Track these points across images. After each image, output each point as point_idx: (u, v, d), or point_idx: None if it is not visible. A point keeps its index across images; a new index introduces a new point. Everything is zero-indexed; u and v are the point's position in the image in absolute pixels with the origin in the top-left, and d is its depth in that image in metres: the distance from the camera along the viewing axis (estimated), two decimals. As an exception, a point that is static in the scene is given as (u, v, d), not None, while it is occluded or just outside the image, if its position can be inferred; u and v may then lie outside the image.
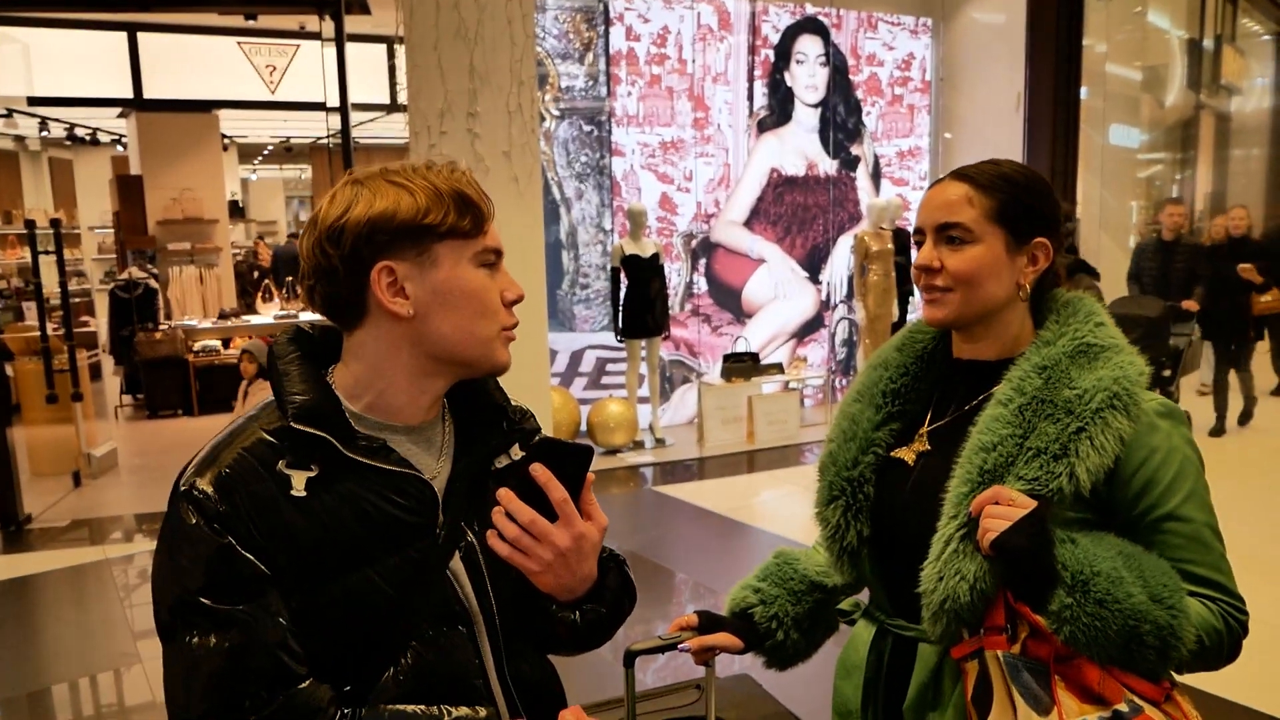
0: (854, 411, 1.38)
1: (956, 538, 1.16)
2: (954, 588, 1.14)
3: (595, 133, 7.12)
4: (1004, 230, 1.25)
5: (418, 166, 1.05)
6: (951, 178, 1.29)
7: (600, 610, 1.12)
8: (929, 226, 1.28)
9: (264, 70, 9.50)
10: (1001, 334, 1.29)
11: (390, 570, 1.01)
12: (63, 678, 3.76)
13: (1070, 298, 1.30)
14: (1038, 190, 1.28)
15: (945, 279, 1.26)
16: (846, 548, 1.33)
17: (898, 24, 8.41)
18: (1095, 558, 1.11)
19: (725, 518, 5.40)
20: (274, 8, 8.15)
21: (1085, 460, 1.14)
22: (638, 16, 7.19)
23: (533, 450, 1.01)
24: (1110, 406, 1.16)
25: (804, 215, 8.09)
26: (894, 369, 1.38)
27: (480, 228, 1.05)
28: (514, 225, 4.91)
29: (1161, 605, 1.10)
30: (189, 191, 9.79)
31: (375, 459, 1.01)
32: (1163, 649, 1.10)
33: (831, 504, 1.35)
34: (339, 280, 1.02)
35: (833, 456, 1.37)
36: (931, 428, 1.33)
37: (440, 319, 1.03)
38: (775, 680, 1.88)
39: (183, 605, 0.96)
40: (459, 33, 4.60)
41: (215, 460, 1.00)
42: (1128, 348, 1.23)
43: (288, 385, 1.03)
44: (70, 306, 6.64)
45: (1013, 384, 1.22)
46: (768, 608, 1.45)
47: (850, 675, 1.38)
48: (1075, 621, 1.09)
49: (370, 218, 1.00)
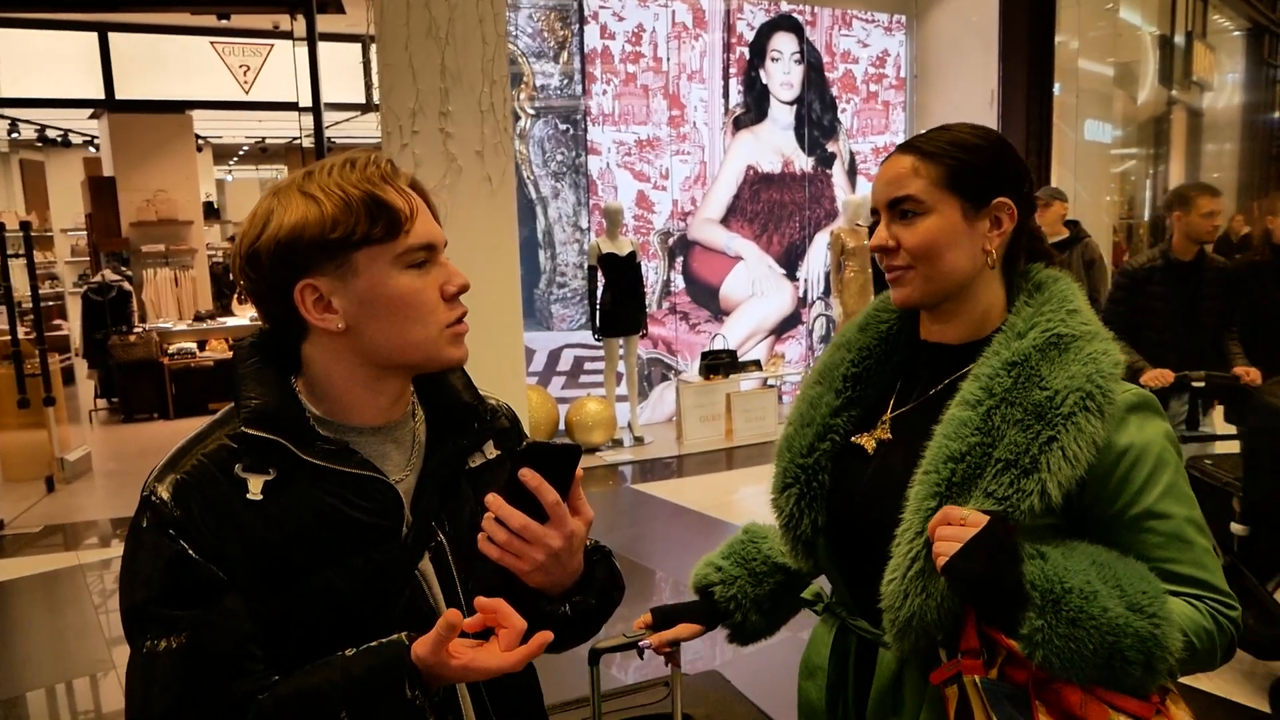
0: (813, 395, 1.33)
1: (921, 554, 1.09)
2: (920, 606, 1.09)
3: (571, 131, 7.11)
4: (957, 196, 1.18)
5: (335, 167, 1.01)
6: (899, 150, 1.23)
7: (590, 601, 1.11)
8: (881, 204, 1.22)
9: (237, 70, 9.43)
10: (971, 311, 1.22)
11: (353, 572, 1.00)
12: (37, 684, 3.72)
13: (1043, 277, 1.22)
14: (992, 150, 1.20)
15: (903, 257, 1.20)
16: (801, 536, 1.29)
17: (872, 21, 8.45)
18: (1066, 572, 1.04)
19: (704, 515, 5.42)
20: (247, 7, 8.08)
21: (1057, 474, 1.07)
22: (612, 14, 7.19)
23: (521, 455, 0.99)
24: (1083, 409, 1.09)
25: (780, 212, 8.12)
26: (856, 350, 1.32)
27: (397, 230, 1.00)
28: (487, 224, 4.90)
29: (1142, 615, 1.03)
30: (163, 193, 9.71)
31: (334, 461, 1.01)
32: (1147, 662, 1.03)
33: (785, 491, 1.29)
34: (269, 301, 1.02)
35: (788, 441, 1.32)
36: (894, 414, 1.27)
37: (373, 328, 1.01)
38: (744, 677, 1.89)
39: (139, 610, 0.96)
40: (430, 31, 4.58)
41: (175, 466, 0.99)
42: (1102, 334, 1.16)
43: (244, 390, 1.02)
44: (42, 310, 6.58)
45: (980, 382, 1.14)
46: (727, 587, 1.42)
47: (814, 676, 1.35)
48: (1048, 645, 1.02)
49: (279, 239, 0.98)
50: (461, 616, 0.92)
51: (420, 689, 0.94)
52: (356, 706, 0.94)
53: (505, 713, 1.13)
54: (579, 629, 1.13)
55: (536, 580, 1.02)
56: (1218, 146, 16.28)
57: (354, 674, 0.94)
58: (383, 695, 0.93)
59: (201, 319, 9.42)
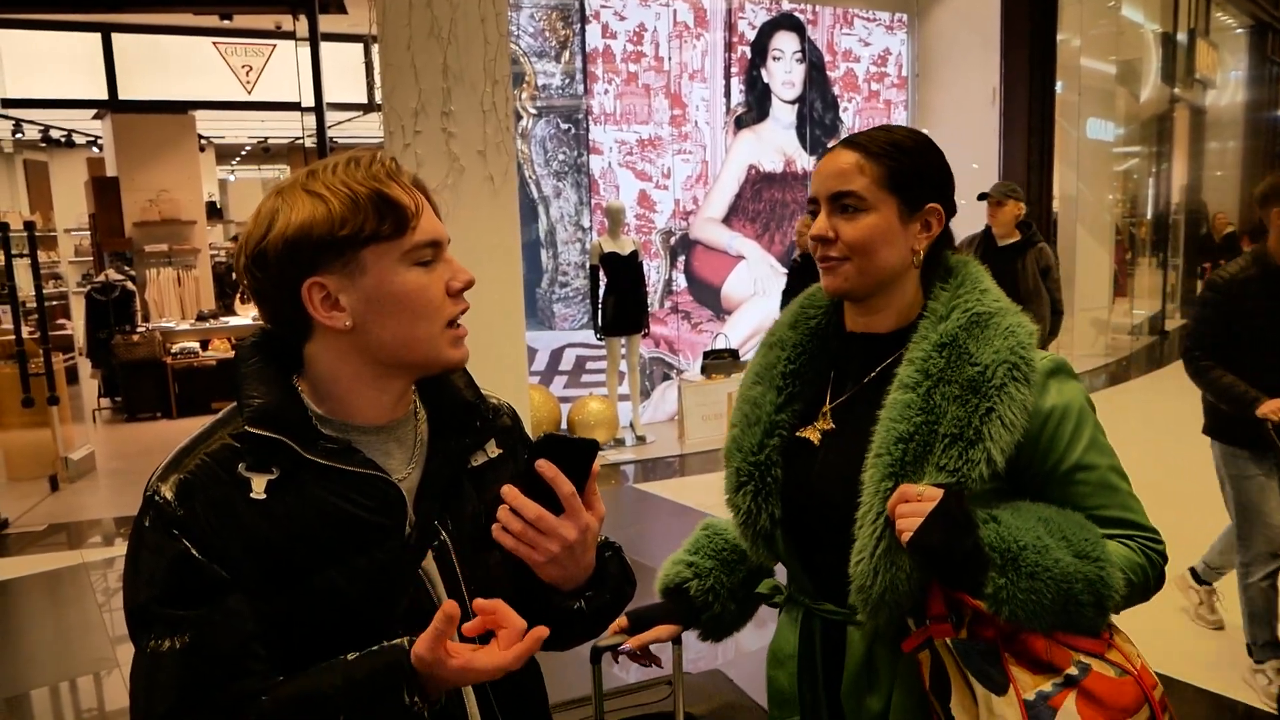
0: (754, 395, 1.37)
1: (886, 533, 1.16)
2: (892, 580, 1.15)
3: (573, 131, 7.12)
4: (896, 197, 1.25)
5: (339, 165, 1.02)
6: (842, 145, 1.29)
7: (604, 597, 1.12)
8: (823, 196, 1.27)
9: (240, 70, 9.44)
10: (897, 303, 1.29)
11: (356, 571, 1.00)
12: (40, 683, 3.73)
13: (954, 263, 1.30)
14: (928, 156, 1.28)
15: (840, 249, 1.25)
16: (760, 531, 1.33)
17: (873, 20, 8.44)
18: (1018, 530, 1.13)
19: (706, 514, 5.41)
20: (249, 8, 8.09)
21: (999, 441, 1.16)
22: (614, 14, 7.19)
23: (537, 447, 0.99)
24: (1012, 379, 1.18)
25: (782, 211, 8.12)
26: (791, 348, 1.37)
27: (404, 227, 1.00)
28: (489, 224, 4.90)
29: (1088, 560, 1.14)
30: (166, 193, 9.72)
31: (337, 460, 1.01)
32: (1098, 602, 1.14)
33: (740, 490, 1.34)
34: (275, 301, 1.02)
35: (737, 442, 1.36)
36: (833, 405, 1.33)
37: (379, 326, 1.01)
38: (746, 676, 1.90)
39: (142, 610, 0.96)
40: (432, 31, 4.59)
41: (178, 465, 1.00)
42: (1012, 308, 1.25)
43: (247, 389, 1.02)
44: (46, 309, 6.60)
45: (916, 365, 1.22)
46: (703, 581, 1.44)
47: (784, 664, 1.38)
48: (1012, 600, 1.11)
49: (287, 238, 0.98)
50: (459, 609, 0.92)
51: (420, 694, 0.94)
52: (355, 710, 0.94)
53: (509, 707, 1.13)
54: (593, 624, 1.14)
55: (550, 574, 1.03)
56: (1221, 144, 16.27)
57: (354, 677, 0.94)
58: (382, 700, 0.93)
59: (204, 318, 9.43)
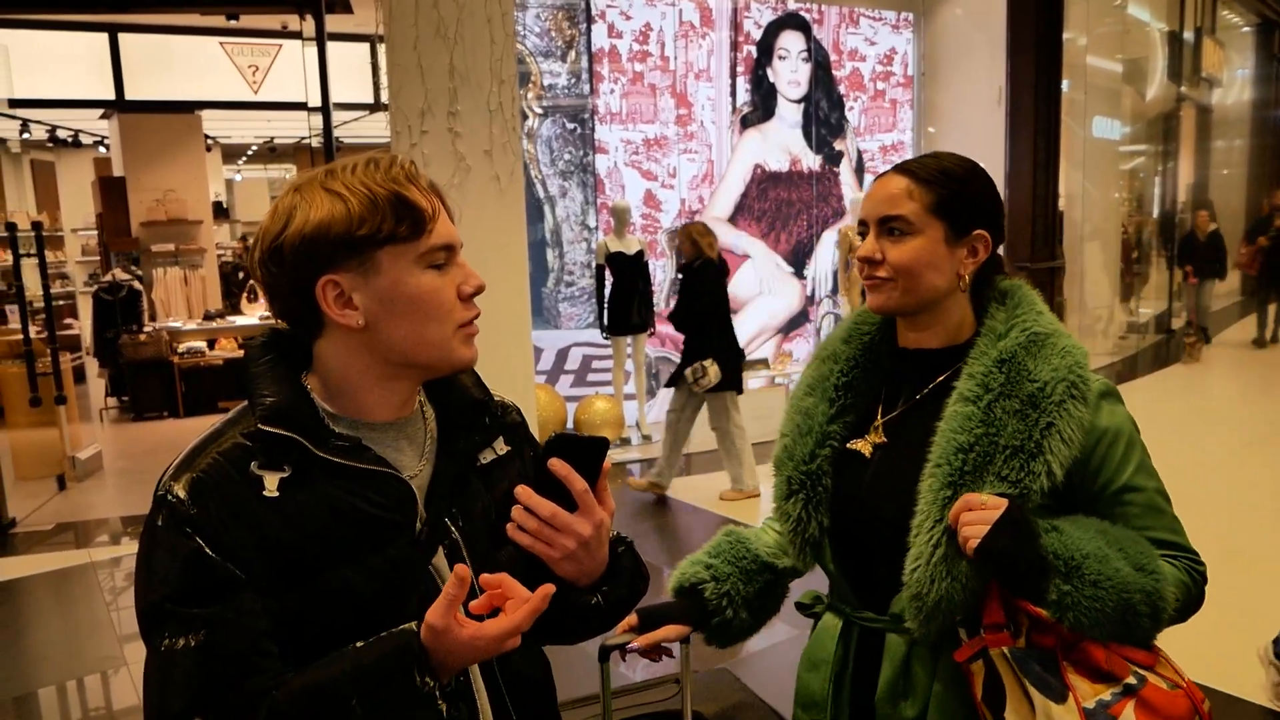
0: (807, 405, 1.41)
1: (944, 540, 1.18)
2: (948, 589, 1.18)
3: (578, 130, 7.12)
4: (944, 223, 1.28)
5: (358, 166, 1.03)
6: (894, 171, 1.32)
7: (620, 591, 1.14)
8: (872, 219, 1.31)
9: (246, 70, 9.45)
10: (945, 321, 1.33)
11: (369, 568, 1.01)
12: (48, 682, 3.75)
13: (1009, 286, 1.34)
14: (978, 184, 1.31)
15: (886, 270, 1.29)
16: (809, 540, 1.36)
17: (879, 19, 8.43)
18: (1080, 540, 1.16)
19: (711, 513, 5.42)
20: (256, 7, 8.10)
21: (1059, 455, 1.19)
22: (620, 14, 7.20)
23: (548, 446, 1.01)
24: (1070, 397, 1.21)
25: (788, 211, 8.12)
26: (844, 361, 1.41)
27: (420, 230, 1.02)
28: (496, 224, 4.91)
29: (1145, 573, 1.17)
30: (172, 193, 9.75)
31: (348, 458, 1.01)
32: (1154, 614, 1.17)
33: (791, 498, 1.37)
34: (288, 296, 1.03)
35: (789, 451, 1.40)
36: (885, 419, 1.36)
37: (391, 326, 1.02)
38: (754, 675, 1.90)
39: (156, 609, 0.96)
40: (439, 31, 4.59)
41: (190, 464, 1.00)
42: (1064, 331, 1.28)
43: (258, 388, 1.03)
44: (53, 309, 6.61)
45: (976, 380, 1.24)
46: (720, 585, 1.46)
47: (818, 668, 1.39)
48: (1076, 606, 1.14)
49: (305, 235, 0.99)
50: (469, 571, 0.93)
51: (430, 674, 0.94)
52: (366, 695, 0.94)
53: (520, 702, 1.13)
54: (609, 617, 1.16)
55: (567, 570, 1.04)
56: (1227, 143, 16.24)
57: (363, 663, 0.95)
58: (392, 682, 0.94)
59: (211, 318, 9.46)
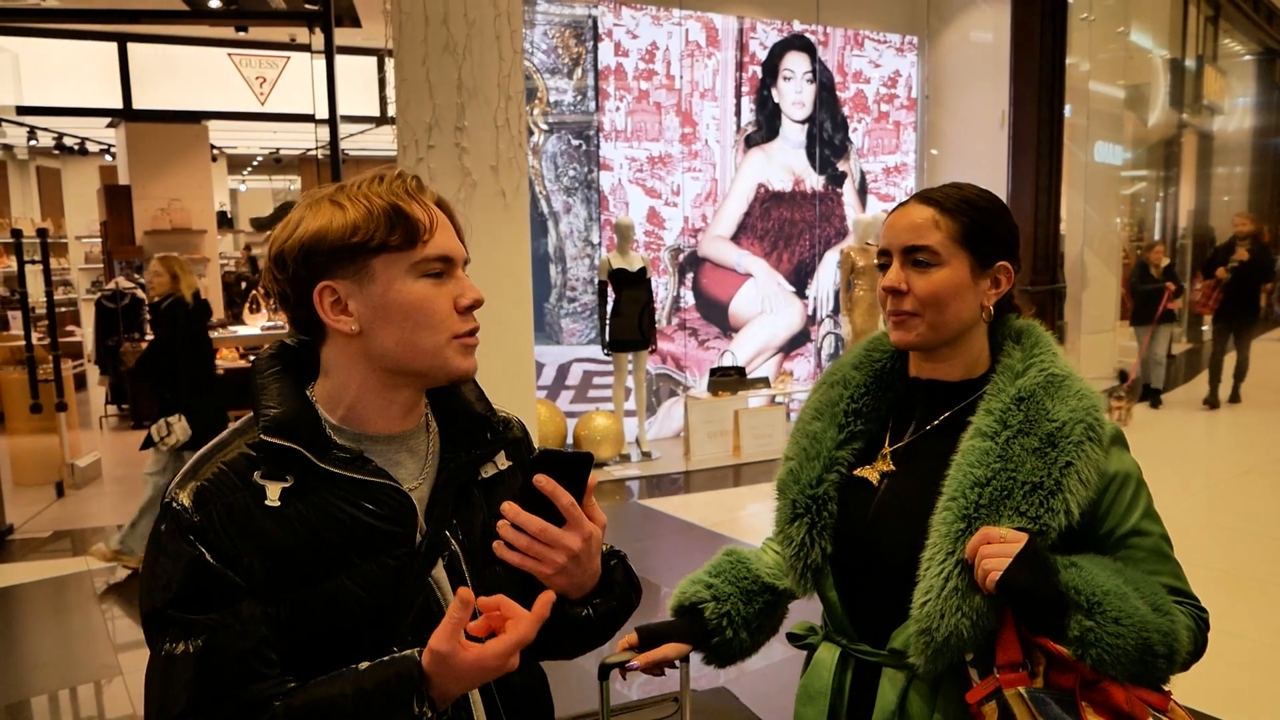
0: (815, 430, 1.38)
1: (955, 574, 1.16)
2: (958, 624, 1.15)
3: (583, 147, 7.16)
4: (969, 253, 1.27)
5: (366, 181, 1.07)
6: (916, 200, 1.30)
7: (611, 603, 1.15)
8: (895, 249, 1.29)
9: (254, 82, 9.52)
10: (963, 355, 1.31)
11: (367, 578, 1.02)
12: (43, 690, 3.73)
13: (1023, 325, 1.33)
14: (999, 214, 1.30)
15: (912, 302, 1.27)
16: (810, 565, 1.34)
17: (884, 42, 8.49)
18: (1100, 577, 1.15)
19: (711, 531, 5.42)
20: (264, 20, 8.17)
21: (1076, 494, 1.18)
22: (626, 32, 7.24)
23: (533, 463, 1.02)
24: (1088, 439, 1.21)
25: (791, 230, 8.15)
26: (854, 387, 1.39)
27: (414, 240, 1.05)
28: (501, 238, 4.93)
29: (1160, 613, 1.16)
30: (177, 202, 9.79)
31: (349, 469, 1.03)
32: (1170, 655, 1.16)
33: (795, 521, 1.35)
34: (293, 302, 1.06)
35: (794, 474, 1.37)
36: (894, 447, 1.34)
37: (384, 333, 1.05)
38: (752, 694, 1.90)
39: (158, 614, 0.98)
40: (447, 47, 4.63)
41: (196, 473, 1.02)
42: (1078, 375, 1.28)
43: (263, 399, 1.05)
44: (56, 316, 6.62)
45: (994, 416, 1.23)
46: (720, 604, 1.44)
47: (814, 701, 1.37)
48: (1099, 643, 1.12)
49: (304, 242, 1.03)
50: (472, 594, 0.94)
51: (430, 704, 0.95)
52: (365, 718, 0.95)
53: (517, 719, 1.14)
54: (602, 630, 1.17)
55: (558, 584, 1.05)
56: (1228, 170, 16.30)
57: (365, 687, 0.96)
58: (392, 709, 0.95)
59: (212, 328, 9.46)
